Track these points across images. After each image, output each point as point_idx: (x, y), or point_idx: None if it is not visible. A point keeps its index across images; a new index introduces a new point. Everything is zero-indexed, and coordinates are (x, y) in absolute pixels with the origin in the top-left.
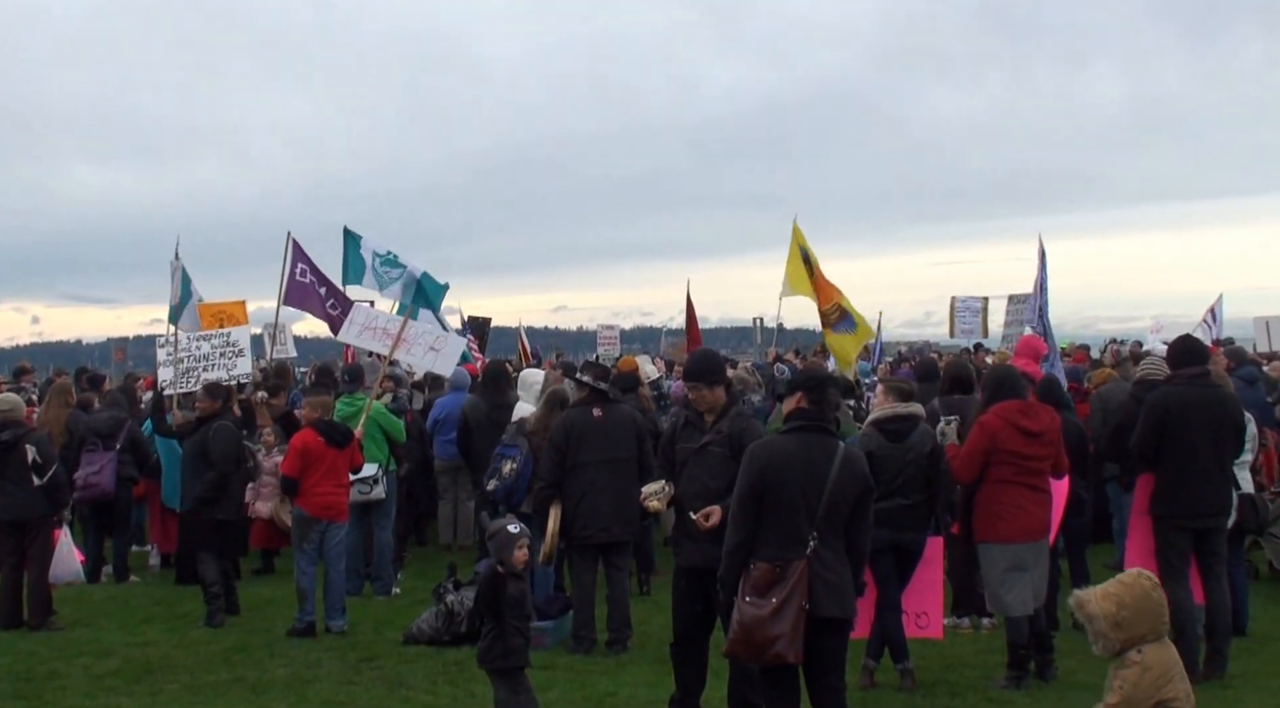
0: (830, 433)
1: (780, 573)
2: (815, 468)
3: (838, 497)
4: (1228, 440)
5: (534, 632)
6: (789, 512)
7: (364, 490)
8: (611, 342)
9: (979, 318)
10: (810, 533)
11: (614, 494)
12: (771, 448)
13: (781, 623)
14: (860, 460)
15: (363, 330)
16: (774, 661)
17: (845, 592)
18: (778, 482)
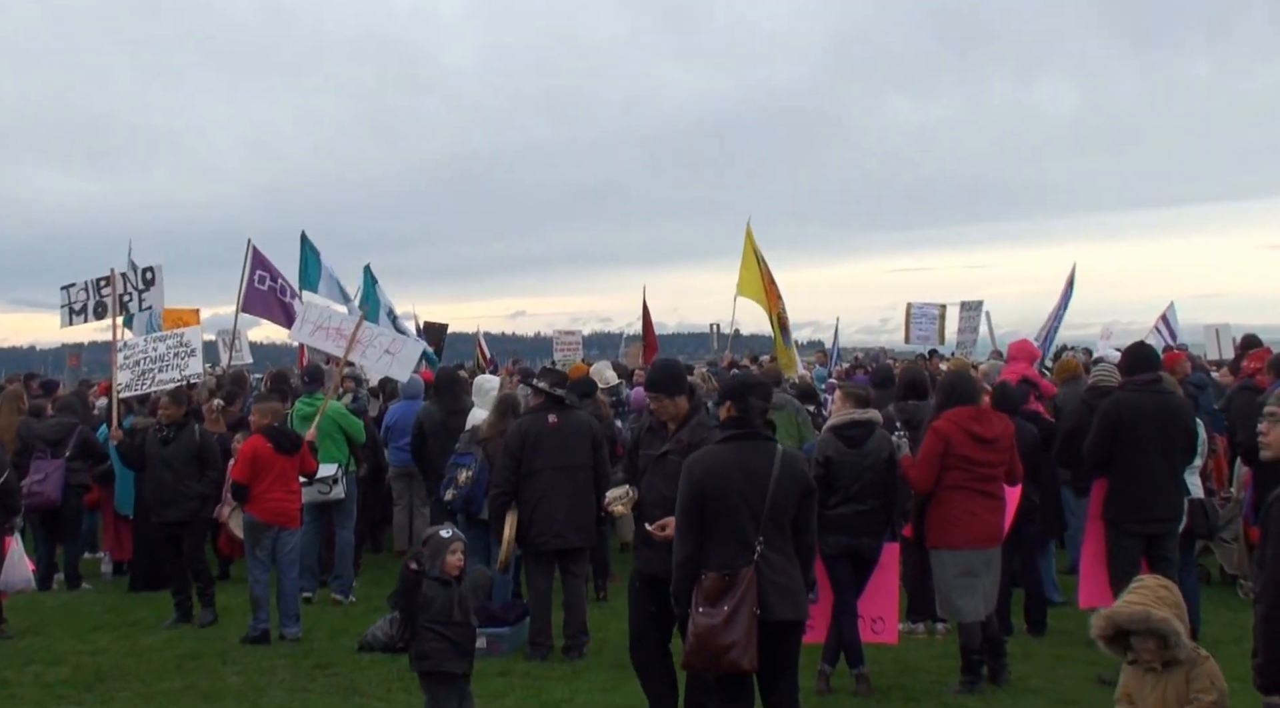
0: (767, 438)
1: (730, 581)
2: (755, 473)
3: (780, 500)
4: (1179, 447)
5: (490, 638)
6: (733, 520)
7: (323, 490)
8: (574, 347)
9: (935, 324)
10: (756, 539)
11: (568, 501)
12: (709, 458)
13: (734, 631)
14: (799, 462)
15: (316, 330)
16: (730, 668)
17: (796, 594)
18: (719, 491)
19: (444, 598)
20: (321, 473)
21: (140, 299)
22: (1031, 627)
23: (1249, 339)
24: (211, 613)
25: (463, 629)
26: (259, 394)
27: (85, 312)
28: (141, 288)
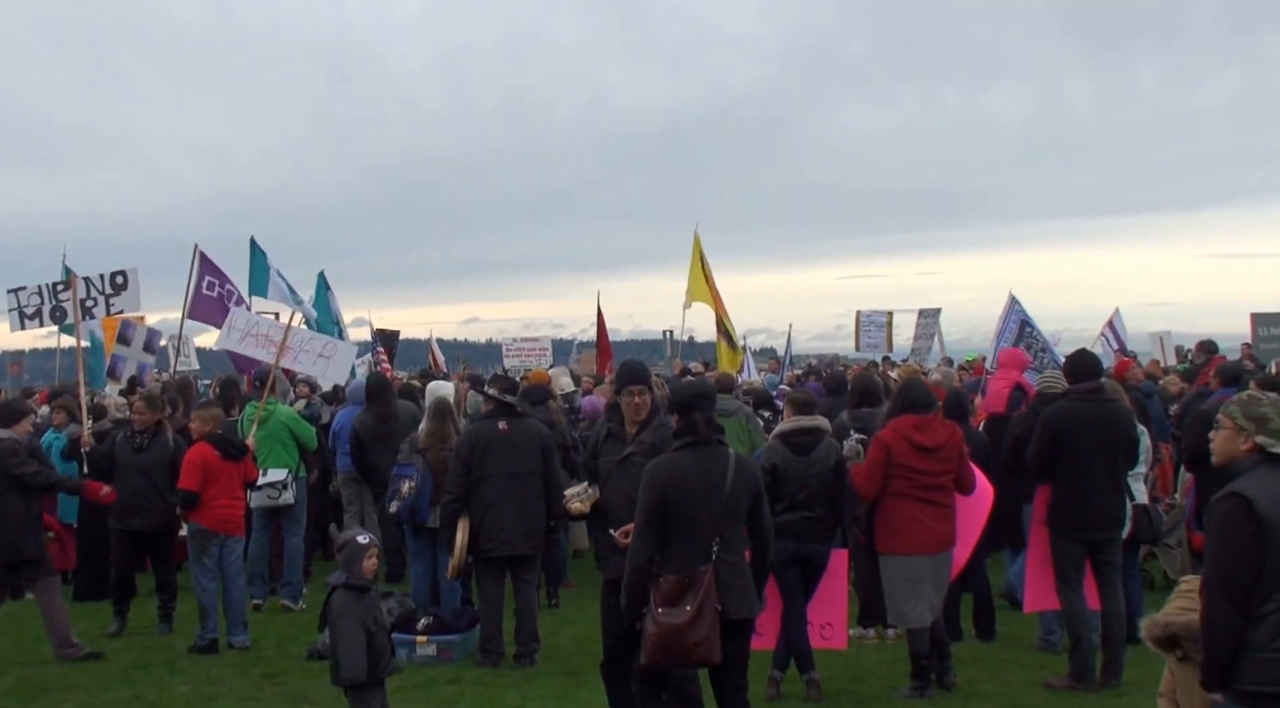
0: (720, 443)
1: (689, 581)
2: (712, 479)
3: (734, 503)
4: (1120, 454)
5: (441, 645)
6: (693, 524)
7: (273, 496)
8: (539, 353)
9: (884, 332)
10: (714, 540)
11: (517, 508)
12: (670, 465)
13: (701, 628)
14: (751, 466)
15: (244, 337)
16: (699, 663)
17: (750, 593)
18: (680, 498)
19: (364, 604)
20: (271, 478)
21: (108, 304)
22: (980, 632)
23: (1206, 345)
24: (169, 626)
25: (380, 635)
26: (204, 401)
27: (40, 316)
28: (110, 292)
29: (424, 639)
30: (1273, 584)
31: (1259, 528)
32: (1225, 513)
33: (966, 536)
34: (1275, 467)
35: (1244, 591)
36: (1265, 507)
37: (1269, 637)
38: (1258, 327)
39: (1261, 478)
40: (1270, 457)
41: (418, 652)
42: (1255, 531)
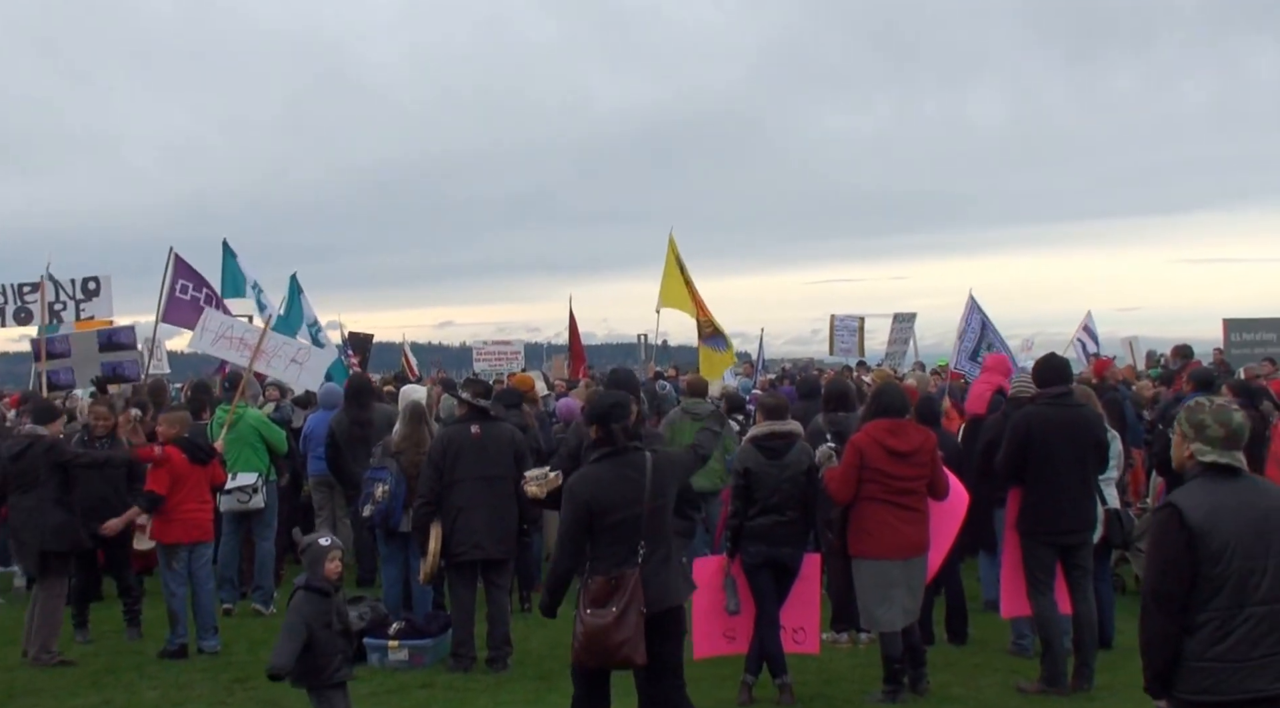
0: (636, 449)
1: (616, 583)
2: (632, 484)
3: (659, 502)
4: (1090, 459)
5: (412, 650)
6: (618, 531)
7: (243, 500)
8: (512, 357)
9: (855, 337)
10: (639, 543)
11: (488, 512)
12: (589, 477)
13: (625, 629)
14: (670, 461)
15: (217, 339)
16: (623, 663)
17: (674, 583)
18: (603, 508)
19: (323, 607)
20: (241, 482)
21: (79, 308)
22: (952, 636)
23: (1182, 350)
24: (137, 630)
25: (341, 638)
26: (174, 404)
27: (2, 316)
28: (81, 298)
29: (396, 644)
30: (1208, 594)
31: (1190, 538)
32: (1159, 524)
33: (940, 540)
34: (1215, 475)
35: (1176, 601)
36: (1197, 517)
37: (1204, 647)
38: (1230, 332)
39: (1199, 487)
40: (1210, 465)
41: (390, 657)
42: (1186, 541)
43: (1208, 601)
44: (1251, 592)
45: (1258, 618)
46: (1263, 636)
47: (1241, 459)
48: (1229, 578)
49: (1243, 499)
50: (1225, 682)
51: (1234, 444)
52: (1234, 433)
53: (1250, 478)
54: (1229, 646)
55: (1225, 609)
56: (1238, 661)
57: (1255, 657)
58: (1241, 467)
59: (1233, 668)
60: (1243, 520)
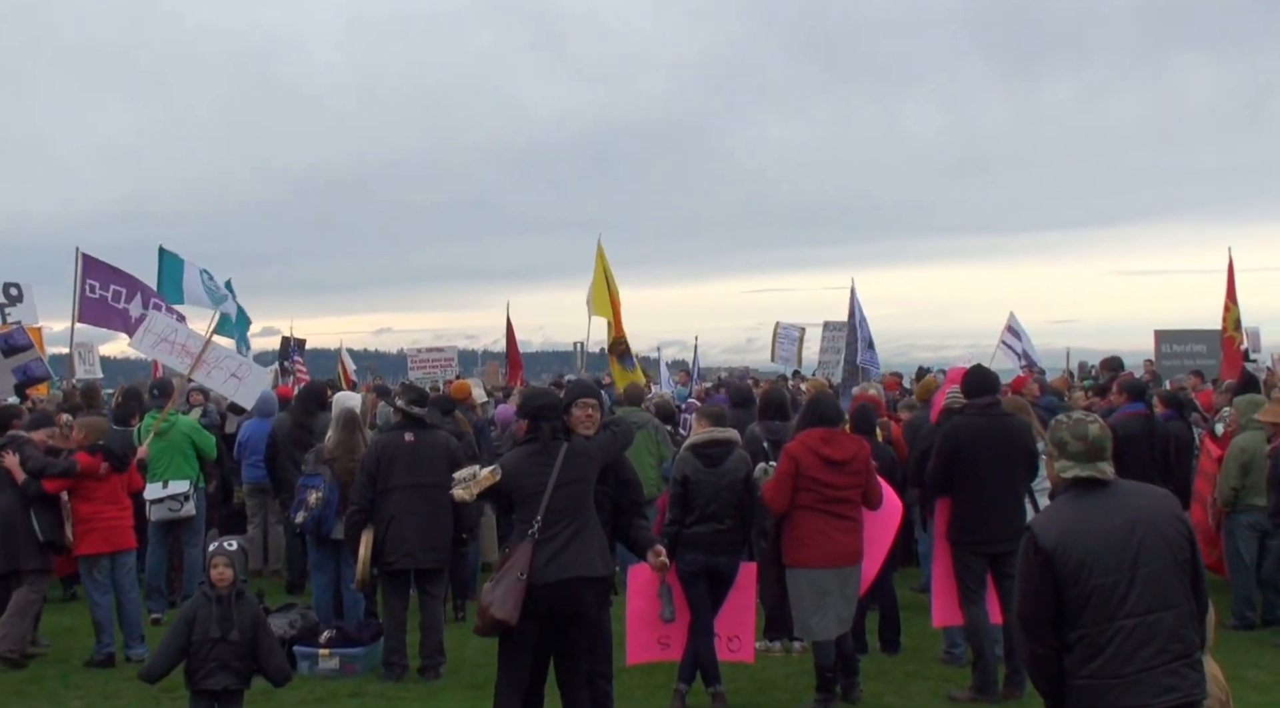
0: (559, 442)
1: (510, 554)
2: (541, 467)
3: (564, 481)
4: (1017, 468)
5: (344, 659)
6: (525, 509)
7: (175, 508)
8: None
9: (795, 345)
10: (535, 520)
11: (420, 520)
12: (507, 459)
13: (495, 591)
14: (583, 451)
15: (159, 342)
16: (492, 623)
17: (579, 556)
18: (512, 489)
19: (204, 612)
20: (174, 490)
21: (3, 314)
22: (885, 645)
23: (1110, 362)
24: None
25: (223, 646)
26: (112, 409)
27: None
28: (4, 302)
29: (326, 653)
30: (1075, 612)
31: (1045, 560)
32: (1022, 548)
33: (875, 550)
34: (1081, 490)
35: (1043, 623)
36: (1049, 539)
37: (1078, 665)
38: (1161, 343)
39: (1059, 505)
40: (1074, 481)
41: (320, 665)
42: (1041, 563)
43: (1076, 619)
44: (1118, 605)
45: (1127, 632)
46: (1135, 650)
47: (1105, 469)
48: (1090, 595)
49: (1105, 513)
50: (1102, 699)
51: (1094, 456)
52: (1092, 445)
53: (1120, 488)
54: (1101, 663)
55: (1093, 626)
56: (1112, 677)
57: (1129, 673)
58: (1105, 477)
59: (1108, 685)
60: (1101, 535)
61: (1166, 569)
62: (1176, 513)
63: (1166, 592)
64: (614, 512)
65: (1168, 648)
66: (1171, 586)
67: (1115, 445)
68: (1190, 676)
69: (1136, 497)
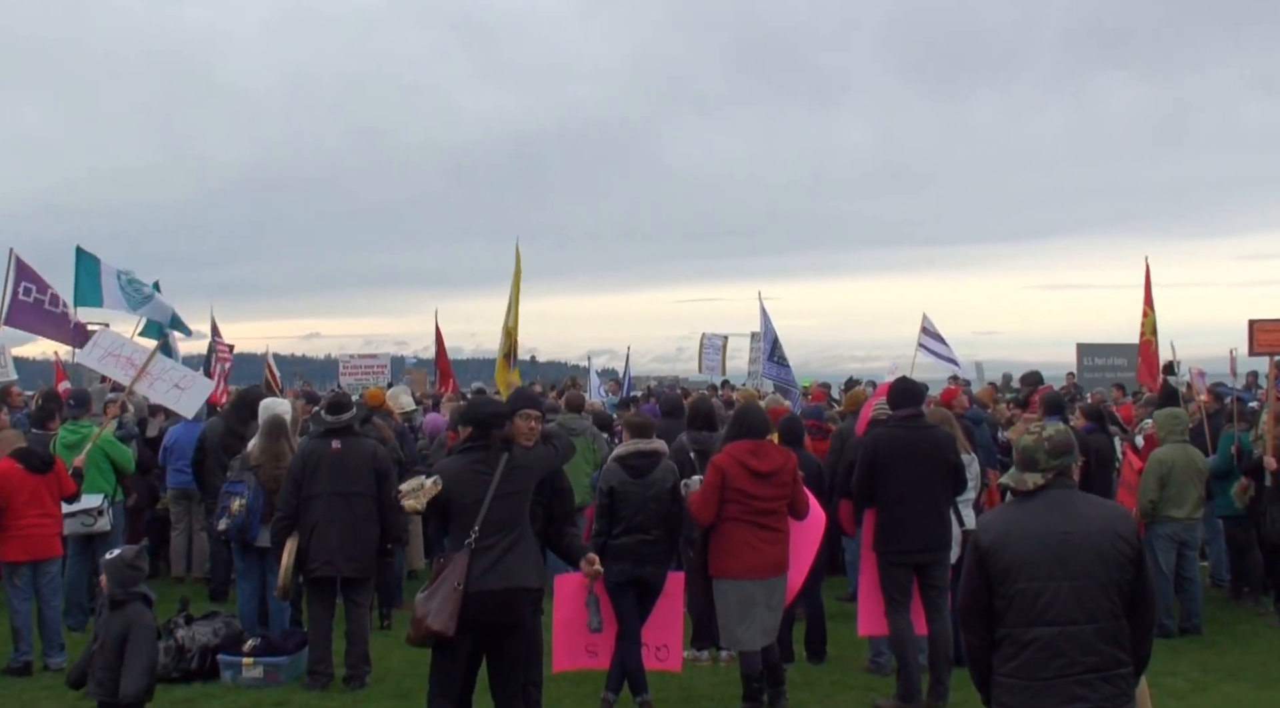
0: (500, 449)
1: (445, 563)
2: (480, 476)
3: (503, 492)
4: (938, 480)
5: (267, 667)
6: (462, 518)
7: (87, 523)
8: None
9: (720, 355)
10: (473, 530)
11: (342, 528)
12: (445, 466)
13: (431, 601)
14: (526, 458)
15: (106, 356)
16: (427, 633)
17: (515, 567)
18: (451, 497)
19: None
20: (86, 505)
21: None
22: (811, 654)
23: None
24: None
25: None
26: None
27: None
28: None
29: (250, 661)
30: (1003, 612)
31: (980, 557)
32: (968, 547)
33: (800, 560)
34: (1023, 497)
35: (978, 618)
36: (986, 540)
37: (1001, 662)
38: (1082, 357)
39: (1000, 510)
40: (1009, 489)
41: (244, 674)
42: (977, 560)
43: (1002, 618)
44: (1041, 612)
45: (1046, 639)
46: (1051, 657)
47: (1026, 479)
48: (1015, 597)
49: (1045, 521)
50: (1018, 698)
51: (1024, 467)
52: (1022, 456)
53: (1057, 499)
54: (1020, 663)
55: (1014, 627)
56: (1027, 679)
57: (1042, 677)
58: (1032, 487)
59: (1023, 686)
60: (1034, 542)
61: (1096, 584)
62: (1120, 532)
63: (1092, 606)
64: (546, 521)
65: (1081, 660)
66: (1098, 601)
67: None
68: (1103, 689)
69: (1084, 510)
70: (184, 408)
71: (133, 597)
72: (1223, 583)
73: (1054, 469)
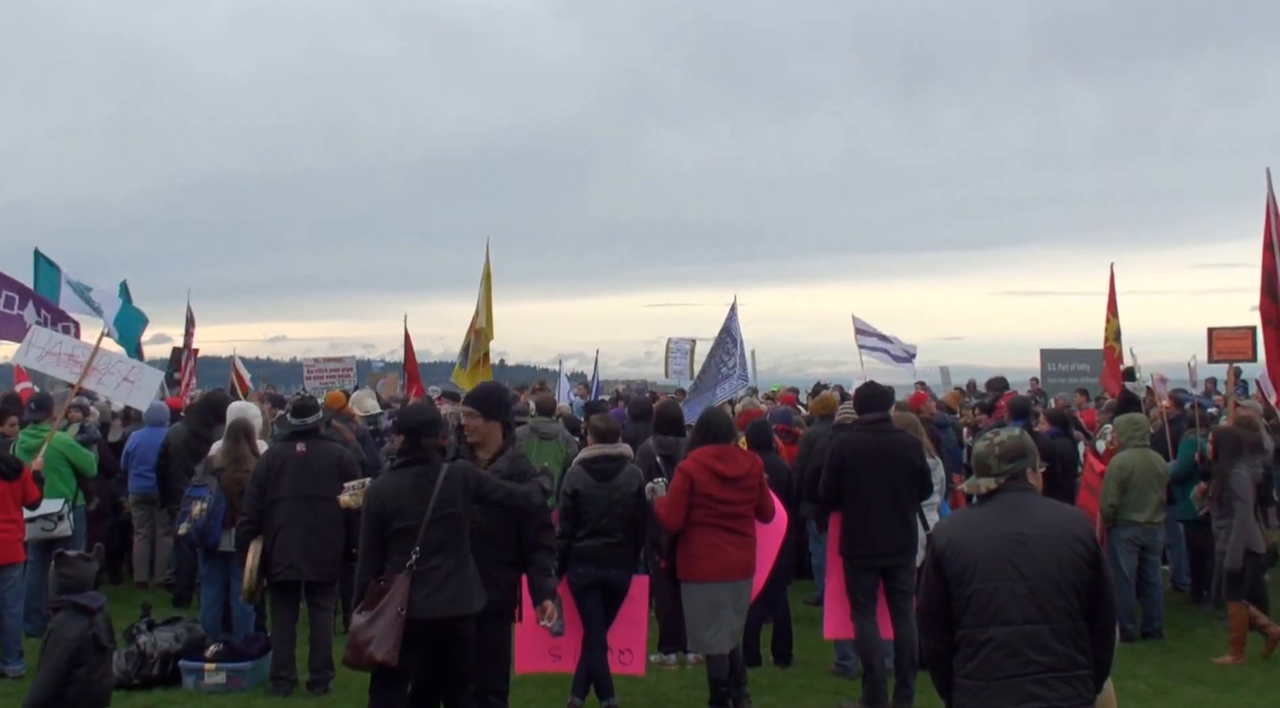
0: (431, 461)
1: (384, 587)
2: (419, 493)
3: (445, 511)
4: (903, 485)
5: (230, 673)
6: (401, 536)
7: (47, 528)
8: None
9: (687, 359)
10: (414, 549)
11: (305, 532)
12: (383, 484)
13: (374, 628)
14: (460, 473)
15: (45, 354)
16: (370, 662)
17: (457, 594)
18: (389, 514)
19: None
20: (46, 510)
21: None
22: (778, 658)
23: (995, 382)
24: None
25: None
26: None
27: None
28: None
29: (213, 667)
30: (960, 613)
31: (937, 559)
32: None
33: (762, 562)
34: (981, 501)
35: (937, 619)
36: (942, 542)
37: (960, 664)
38: (1046, 362)
39: (959, 513)
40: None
41: (206, 679)
42: (934, 561)
43: (959, 620)
44: (997, 612)
45: (1001, 639)
46: (1007, 657)
47: (984, 484)
48: (971, 598)
49: (994, 521)
50: (975, 699)
51: (979, 472)
52: (977, 462)
53: (1011, 502)
54: (976, 664)
55: (971, 628)
56: (984, 679)
57: (999, 677)
58: (985, 491)
59: (980, 687)
60: (989, 543)
61: (1051, 585)
62: (1078, 535)
63: (1048, 606)
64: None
65: (1038, 659)
66: (1054, 602)
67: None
68: (1060, 689)
69: (1039, 513)
70: (136, 401)
71: (62, 605)
72: (1184, 587)
73: (1006, 473)
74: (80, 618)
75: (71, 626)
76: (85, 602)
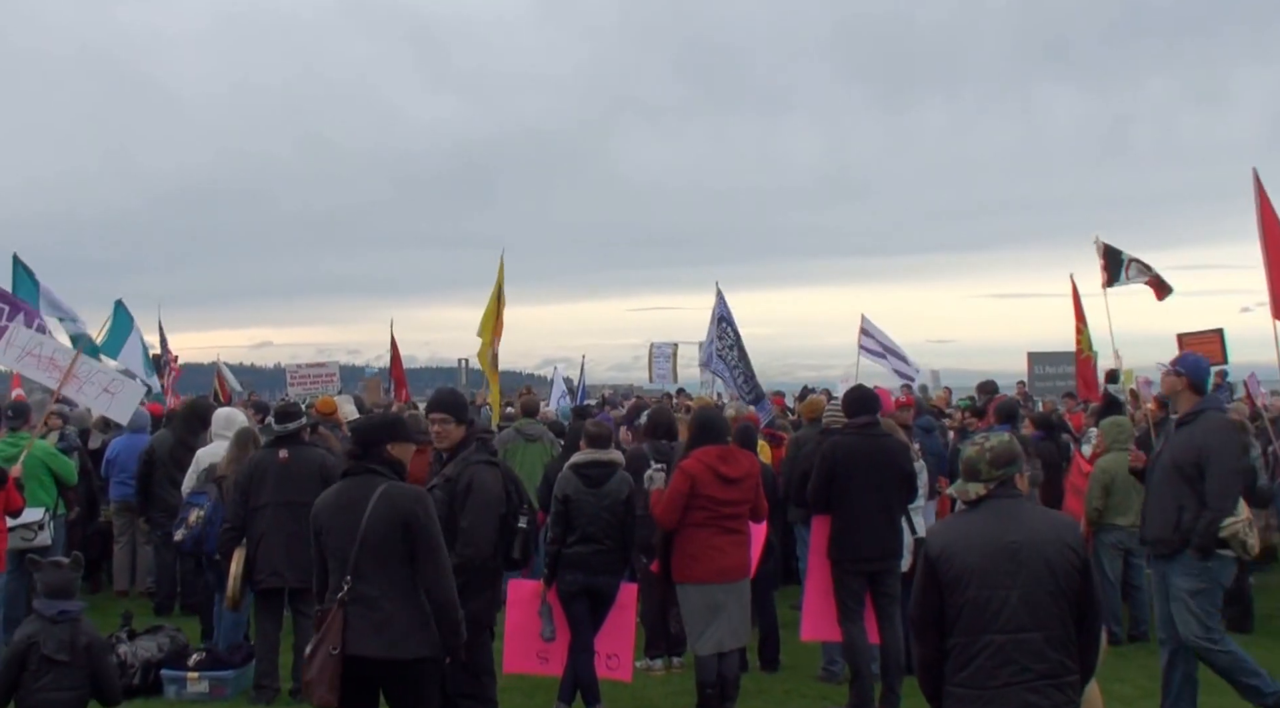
0: (379, 473)
1: (322, 617)
2: (353, 509)
3: (374, 536)
4: (893, 488)
5: (213, 682)
6: (335, 558)
7: (27, 537)
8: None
9: (670, 363)
10: (345, 577)
11: (288, 538)
12: (323, 496)
13: (311, 669)
14: (398, 496)
15: (24, 355)
16: (318, 703)
17: (391, 630)
18: (323, 529)
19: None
20: (26, 519)
21: None
22: (764, 663)
23: (986, 386)
24: None
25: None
26: None
27: None
28: None
29: (195, 676)
30: (953, 621)
31: (930, 566)
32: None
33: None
34: (972, 506)
35: (929, 627)
36: (935, 548)
37: (952, 672)
38: (1033, 365)
39: (951, 518)
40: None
41: (188, 688)
42: (927, 569)
43: (952, 627)
44: (990, 620)
45: (996, 646)
46: (1001, 665)
47: (973, 490)
48: (964, 606)
49: (987, 528)
50: (968, 707)
51: (968, 477)
52: (966, 467)
53: (1001, 508)
54: (970, 672)
55: (965, 636)
56: (978, 687)
57: (993, 686)
58: (974, 497)
59: (974, 695)
60: (981, 549)
61: (1045, 593)
62: (1069, 542)
63: (1041, 614)
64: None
65: (1032, 667)
66: (1048, 609)
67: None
68: (1054, 696)
69: (1030, 520)
70: (114, 412)
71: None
72: None
73: (996, 479)
74: (29, 625)
75: (20, 633)
76: (40, 609)
